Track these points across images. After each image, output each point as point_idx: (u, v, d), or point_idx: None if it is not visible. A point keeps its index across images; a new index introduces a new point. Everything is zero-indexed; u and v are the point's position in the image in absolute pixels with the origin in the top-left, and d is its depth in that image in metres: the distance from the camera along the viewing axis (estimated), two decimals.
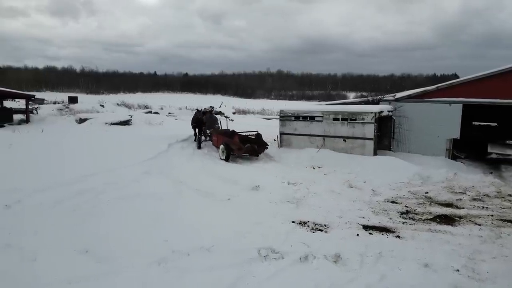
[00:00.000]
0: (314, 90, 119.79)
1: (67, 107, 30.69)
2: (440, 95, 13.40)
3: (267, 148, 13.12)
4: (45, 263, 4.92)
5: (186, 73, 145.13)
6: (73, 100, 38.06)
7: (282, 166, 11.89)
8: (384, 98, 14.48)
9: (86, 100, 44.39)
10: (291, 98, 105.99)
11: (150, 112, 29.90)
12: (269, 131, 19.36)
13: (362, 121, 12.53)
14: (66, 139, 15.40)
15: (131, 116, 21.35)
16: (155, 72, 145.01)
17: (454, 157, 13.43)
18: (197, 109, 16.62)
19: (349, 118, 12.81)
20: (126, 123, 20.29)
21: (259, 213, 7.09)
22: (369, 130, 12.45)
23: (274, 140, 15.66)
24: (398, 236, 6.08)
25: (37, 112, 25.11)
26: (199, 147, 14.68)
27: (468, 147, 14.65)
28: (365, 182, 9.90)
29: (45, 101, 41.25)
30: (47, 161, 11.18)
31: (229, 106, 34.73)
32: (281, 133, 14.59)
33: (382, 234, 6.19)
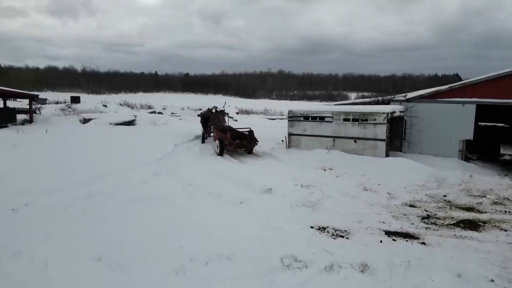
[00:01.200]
0: (315, 90, 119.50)
1: (70, 107, 30.51)
2: (453, 95, 13.13)
3: (256, 144, 13.46)
4: (57, 271, 4.67)
5: (187, 73, 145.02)
6: (75, 100, 37.85)
7: (292, 168, 11.62)
8: (395, 98, 14.21)
9: (88, 100, 44.17)
10: (292, 98, 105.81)
11: (154, 112, 29.68)
12: (275, 131, 19.13)
13: (373, 121, 12.26)
14: (71, 140, 15.18)
15: (135, 116, 21.12)
16: (156, 72, 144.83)
17: (466, 159, 13.17)
18: (208, 108, 17.43)
19: (360, 119, 12.55)
20: (130, 123, 20.06)
21: (275, 218, 6.83)
22: (381, 131, 12.19)
23: (282, 141, 15.42)
24: (424, 243, 5.82)
25: (39, 112, 24.92)
26: (203, 141, 15.70)
27: (479, 148, 14.37)
28: (379, 184, 9.64)
29: (47, 101, 41.04)
30: (53, 163, 10.95)
31: (232, 106, 34.52)
32: (290, 134, 14.33)
33: (406, 240, 5.93)
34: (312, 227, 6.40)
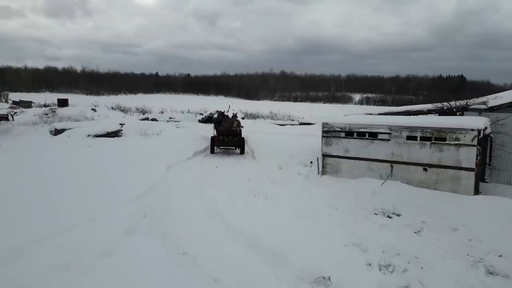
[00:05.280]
0: (318, 92, 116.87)
1: (55, 111, 26.97)
2: None
3: (239, 139, 13.58)
4: None
5: (188, 74, 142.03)
6: (63, 103, 34.06)
7: (339, 213, 7.75)
8: (472, 106, 10.31)
9: (81, 102, 40.60)
10: (295, 99, 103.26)
11: (147, 118, 25.76)
12: (291, 144, 15.24)
13: (456, 141, 8.35)
14: (26, 163, 11.20)
15: (122, 125, 17.20)
16: (156, 73, 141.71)
17: None
18: (221, 112, 16.83)
19: (434, 137, 8.64)
20: (115, 134, 16.16)
21: None
22: (468, 156, 8.27)
23: (311, 162, 11.53)
24: None
25: (13, 118, 21.19)
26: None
27: None
28: (501, 256, 5.75)
29: (32, 103, 37.17)
30: None
31: (237, 110, 30.61)
32: (325, 155, 10.42)
33: None
34: None
